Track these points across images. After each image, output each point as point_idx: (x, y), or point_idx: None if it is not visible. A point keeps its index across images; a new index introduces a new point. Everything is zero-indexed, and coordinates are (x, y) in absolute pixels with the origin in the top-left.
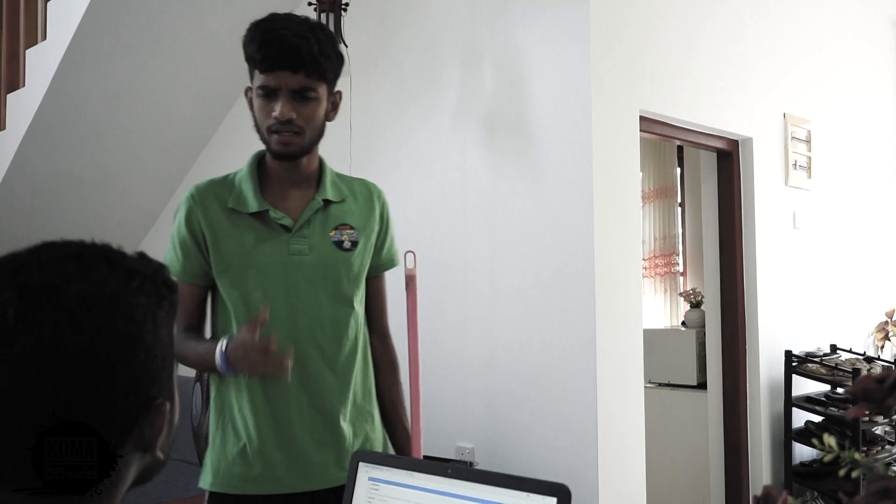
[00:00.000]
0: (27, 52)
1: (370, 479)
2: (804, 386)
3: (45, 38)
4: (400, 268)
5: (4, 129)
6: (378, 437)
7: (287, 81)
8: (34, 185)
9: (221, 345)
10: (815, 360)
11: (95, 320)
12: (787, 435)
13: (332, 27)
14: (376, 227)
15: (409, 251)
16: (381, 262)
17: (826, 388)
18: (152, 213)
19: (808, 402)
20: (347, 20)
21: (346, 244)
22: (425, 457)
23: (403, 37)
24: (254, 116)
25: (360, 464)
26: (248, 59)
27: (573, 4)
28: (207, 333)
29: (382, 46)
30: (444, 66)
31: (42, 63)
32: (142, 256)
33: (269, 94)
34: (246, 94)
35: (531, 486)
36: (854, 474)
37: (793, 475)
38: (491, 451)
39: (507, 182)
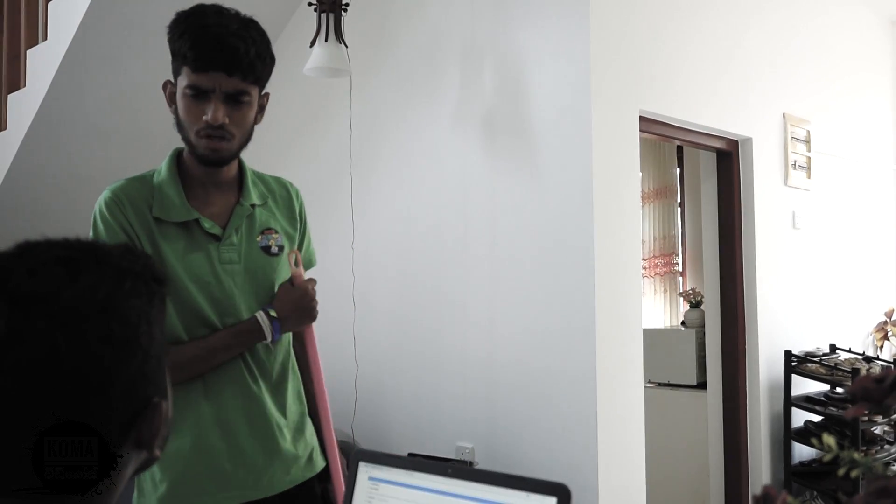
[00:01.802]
0: (28, 52)
1: (370, 478)
2: (804, 386)
3: (45, 38)
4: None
5: (5, 129)
6: (314, 439)
7: (221, 84)
8: (34, 185)
9: (262, 315)
10: (815, 359)
11: (91, 328)
12: (787, 434)
13: (332, 27)
14: (297, 228)
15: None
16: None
17: (825, 387)
18: None
19: (808, 402)
20: (347, 20)
21: (274, 249)
22: (425, 457)
23: (403, 37)
24: (176, 115)
25: (361, 463)
26: (176, 54)
27: (573, 5)
28: None
29: (382, 46)
30: (444, 66)
31: (42, 63)
32: (127, 249)
33: (199, 94)
34: (165, 88)
35: (531, 486)
36: (853, 474)
37: (792, 475)
38: (491, 451)
39: (507, 182)
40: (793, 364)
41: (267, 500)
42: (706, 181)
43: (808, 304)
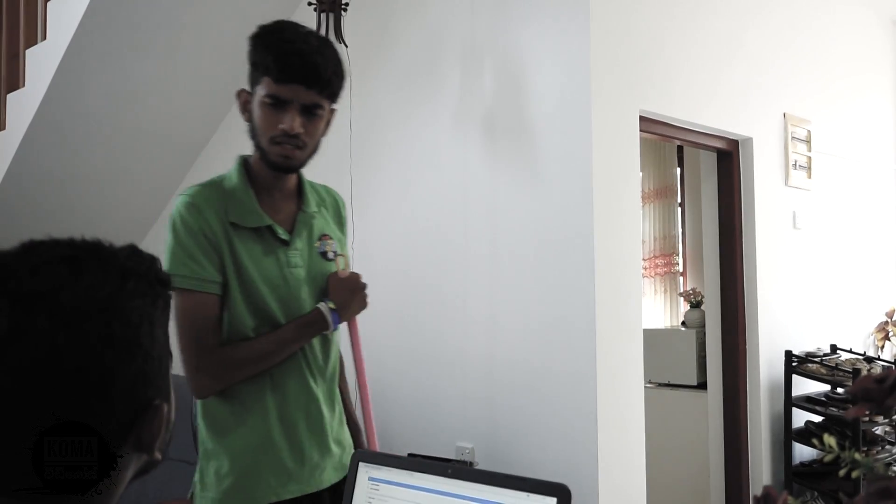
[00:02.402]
0: (27, 52)
1: (370, 479)
2: (804, 386)
3: (45, 38)
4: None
5: (4, 129)
6: (348, 434)
7: (300, 95)
8: (34, 185)
9: (323, 305)
10: (815, 360)
11: (92, 327)
12: (787, 435)
13: (332, 27)
14: (344, 234)
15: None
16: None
17: (826, 388)
18: (152, 213)
19: (808, 402)
20: (347, 20)
21: (330, 254)
22: (425, 457)
23: (403, 37)
24: (251, 122)
25: (360, 464)
26: (258, 65)
27: (573, 4)
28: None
29: (382, 46)
30: (444, 66)
31: (42, 63)
32: (133, 251)
33: (277, 104)
34: (239, 96)
35: (531, 486)
36: (854, 474)
37: (793, 475)
38: (491, 451)
39: (507, 182)
40: (793, 364)
41: (318, 494)
42: (706, 181)
43: (809, 304)
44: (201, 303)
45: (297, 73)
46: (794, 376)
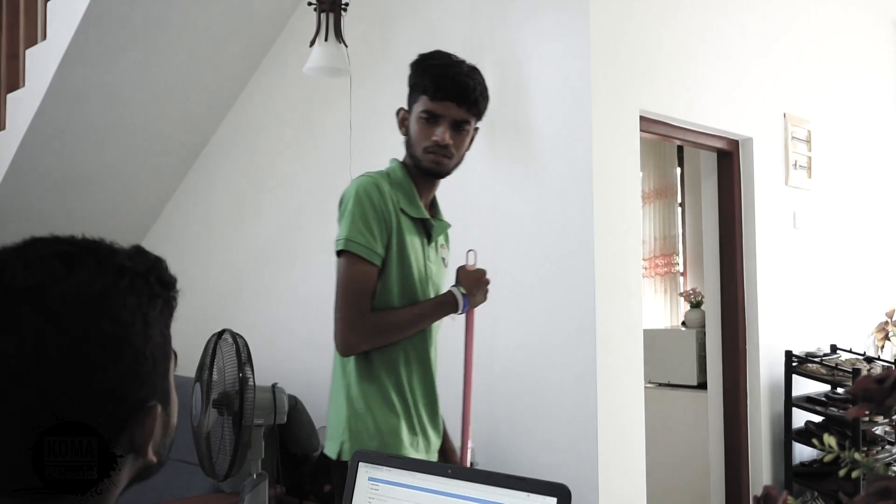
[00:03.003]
0: (27, 51)
1: (370, 479)
2: (804, 386)
3: (44, 37)
4: None
5: (4, 129)
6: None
7: (451, 112)
8: (34, 185)
9: (456, 289)
10: (816, 360)
11: (79, 322)
12: (788, 435)
13: (331, 27)
14: (447, 246)
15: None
16: None
17: (826, 388)
18: (152, 212)
19: (809, 403)
20: (347, 20)
21: (443, 254)
22: None
23: (403, 37)
24: (406, 135)
25: (360, 464)
26: (416, 86)
27: (573, 4)
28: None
29: (382, 46)
30: None
31: (42, 63)
32: (138, 251)
33: (431, 119)
34: (398, 113)
35: (531, 486)
36: (854, 474)
37: (793, 475)
38: (491, 451)
39: (506, 181)
40: (793, 364)
41: None
42: (706, 181)
43: (809, 304)
44: (366, 271)
45: (450, 92)
46: (794, 376)
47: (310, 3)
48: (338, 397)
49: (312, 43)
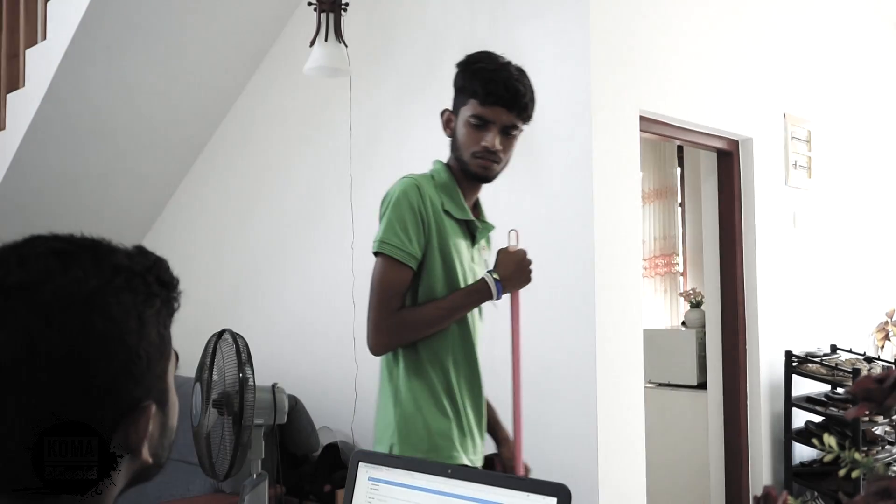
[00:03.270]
0: (27, 51)
1: (370, 479)
2: (804, 386)
3: (45, 37)
4: None
5: (4, 129)
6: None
7: (501, 117)
8: (34, 185)
9: (488, 275)
10: (816, 360)
11: (71, 319)
12: (788, 435)
13: (332, 27)
14: (488, 248)
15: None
16: None
17: (826, 388)
18: (152, 212)
19: (809, 402)
20: (347, 20)
21: (485, 254)
22: None
23: (403, 37)
24: (452, 137)
25: (360, 464)
26: (464, 89)
27: (573, 4)
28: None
29: (382, 46)
30: (444, 66)
31: (42, 63)
32: (139, 251)
33: (482, 124)
34: (442, 114)
35: (531, 486)
36: (854, 474)
37: (793, 475)
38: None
39: (506, 181)
40: (793, 364)
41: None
42: (706, 181)
43: (809, 304)
44: (398, 272)
45: (501, 97)
46: (794, 376)
47: (310, 3)
48: (385, 399)
49: (312, 43)
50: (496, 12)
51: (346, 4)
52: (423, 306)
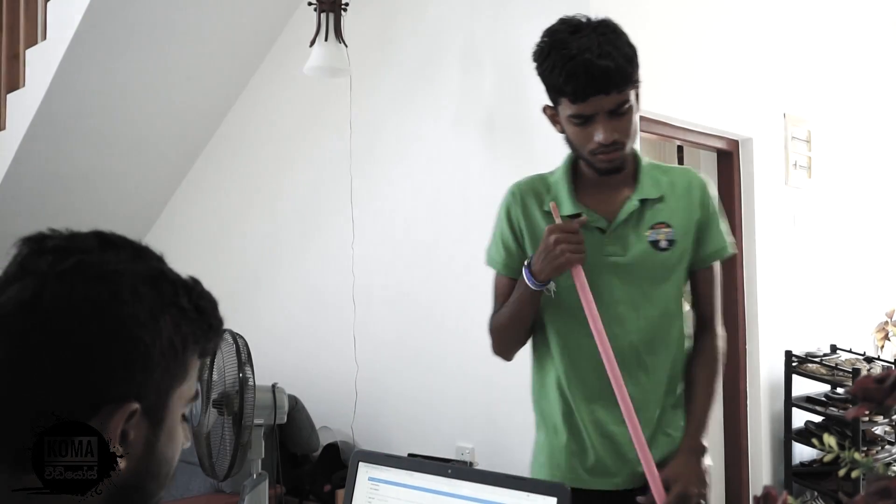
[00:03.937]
0: (27, 52)
1: (370, 479)
2: (804, 386)
3: (45, 38)
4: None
5: (4, 129)
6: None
7: (602, 105)
8: (34, 185)
9: (525, 263)
10: (815, 360)
11: (83, 283)
12: (787, 435)
13: (332, 27)
14: (696, 219)
15: None
16: (706, 255)
17: (826, 388)
18: (153, 213)
19: (808, 402)
20: (347, 20)
21: (663, 243)
22: (425, 457)
23: (403, 37)
24: (566, 136)
25: (360, 464)
26: (552, 87)
27: (573, 5)
28: None
29: (382, 46)
30: (444, 65)
31: (42, 63)
32: (192, 280)
33: (585, 121)
34: (545, 111)
35: (531, 486)
36: (854, 474)
37: (793, 475)
38: (491, 451)
39: (507, 182)
40: (793, 364)
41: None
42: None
43: (809, 304)
44: (498, 281)
45: (592, 87)
46: (794, 376)
47: (310, 3)
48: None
49: (312, 43)
50: (496, 12)
51: (346, 4)
52: (500, 310)
